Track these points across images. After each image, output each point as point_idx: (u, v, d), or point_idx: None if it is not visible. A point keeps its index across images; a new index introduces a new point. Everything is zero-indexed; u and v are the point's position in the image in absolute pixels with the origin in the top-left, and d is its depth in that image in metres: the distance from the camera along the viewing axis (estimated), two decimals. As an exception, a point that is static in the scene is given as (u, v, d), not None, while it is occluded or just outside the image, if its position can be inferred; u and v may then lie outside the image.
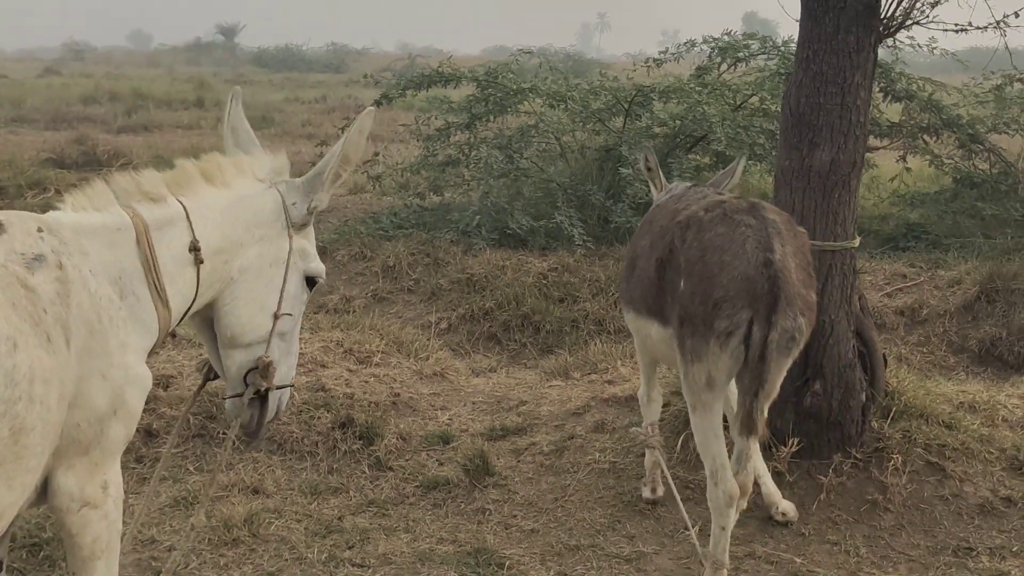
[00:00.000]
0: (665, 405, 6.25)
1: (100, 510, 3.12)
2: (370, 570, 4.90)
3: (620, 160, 10.09)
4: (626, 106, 10.97)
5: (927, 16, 5.43)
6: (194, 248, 3.35)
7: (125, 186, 3.32)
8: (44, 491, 3.08)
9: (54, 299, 2.91)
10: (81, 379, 3.01)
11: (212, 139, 17.93)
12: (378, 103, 11.41)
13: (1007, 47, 5.67)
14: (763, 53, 11.55)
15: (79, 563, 3.16)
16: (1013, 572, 4.91)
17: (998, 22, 5.53)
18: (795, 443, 5.48)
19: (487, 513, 5.51)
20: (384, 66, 12.86)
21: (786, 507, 5.32)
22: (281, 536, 5.16)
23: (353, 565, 4.93)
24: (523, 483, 5.82)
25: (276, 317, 3.60)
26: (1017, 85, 10.88)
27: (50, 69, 45.08)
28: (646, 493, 5.54)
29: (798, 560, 5.04)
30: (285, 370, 3.71)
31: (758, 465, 4.99)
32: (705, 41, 11.67)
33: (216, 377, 3.82)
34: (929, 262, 9.80)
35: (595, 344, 8.03)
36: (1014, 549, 5.13)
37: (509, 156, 10.66)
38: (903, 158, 11.09)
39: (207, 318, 3.61)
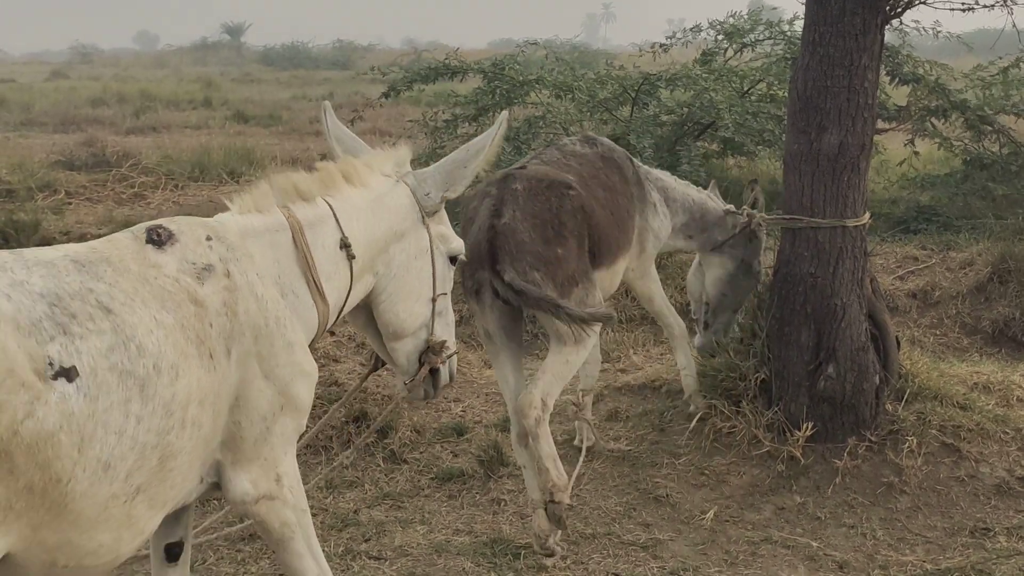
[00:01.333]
0: (677, 392, 6.28)
1: (278, 500, 3.24)
2: (387, 562, 4.91)
3: (628, 149, 10.03)
4: (633, 94, 10.94)
5: (933, -4, 5.40)
6: (344, 245, 3.49)
7: (283, 186, 3.44)
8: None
9: (220, 310, 3.00)
10: (242, 382, 3.10)
11: (221, 138, 17.95)
12: (386, 95, 11.40)
13: (1015, 26, 5.62)
14: (769, 38, 11.51)
15: (276, 544, 3.33)
16: (1031, 551, 4.90)
17: (1005, 0, 5.49)
18: (809, 427, 5.51)
19: (502, 503, 5.52)
20: (391, 61, 12.84)
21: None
22: (298, 530, 5.16)
23: (370, 557, 4.94)
24: (538, 473, 5.81)
25: (433, 301, 3.83)
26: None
27: (57, 72, 45.11)
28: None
29: (814, 544, 5.03)
30: (450, 342, 3.96)
31: (680, 358, 6.12)
32: (711, 25, 11.63)
33: (384, 364, 4.16)
34: (940, 244, 9.77)
35: (607, 333, 8.01)
36: (1031, 529, 5.13)
37: (517, 147, 10.63)
38: (911, 141, 11.05)
39: (368, 316, 3.82)
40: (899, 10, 5.41)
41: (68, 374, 2.51)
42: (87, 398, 2.54)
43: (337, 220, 3.49)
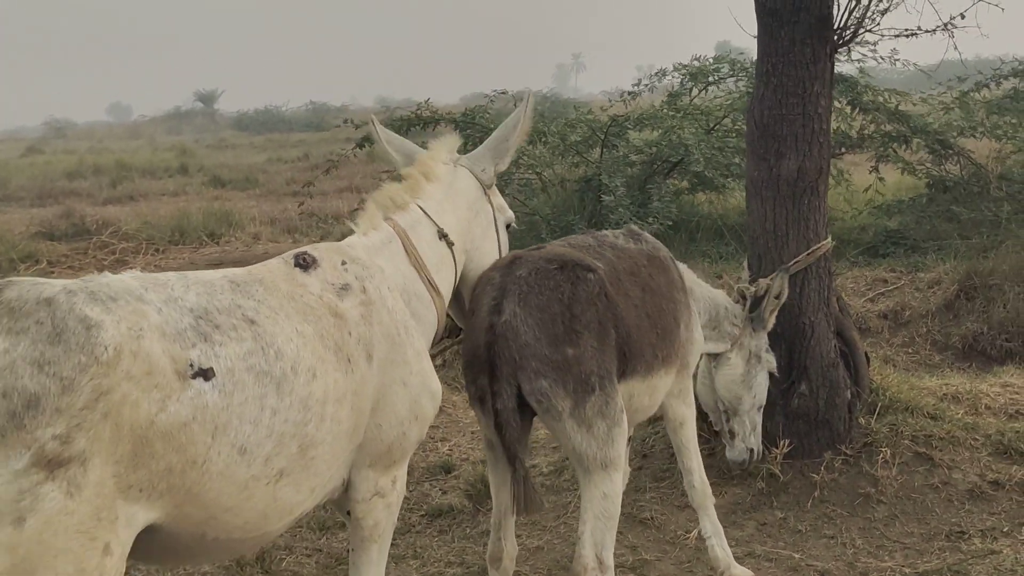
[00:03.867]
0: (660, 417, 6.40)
1: (385, 500, 3.68)
2: (382, 596, 5.00)
3: (601, 188, 10.27)
4: (602, 136, 11.18)
5: (878, 24, 5.63)
6: (442, 235, 4.10)
7: (383, 202, 4.07)
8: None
9: (359, 321, 3.50)
10: (384, 387, 3.56)
11: (199, 202, 18.10)
12: (360, 146, 11.60)
13: (956, 48, 5.85)
14: (732, 76, 11.81)
15: (358, 542, 3.71)
16: (1005, 551, 5.06)
17: (945, 24, 5.72)
18: (786, 444, 5.65)
19: (492, 535, 5.63)
20: (348, 118, 13.15)
21: (738, 573, 4.91)
22: (293, 571, 5.27)
23: (365, 593, 5.03)
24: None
25: None
26: (984, 92, 11.18)
27: (33, 148, 45.12)
28: None
29: (796, 556, 5.17)
30: None
31: (706, 526, 4.97)
32: (676, 68, 11.91)
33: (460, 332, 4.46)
34: (908, 266, 10.01)
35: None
36: (1005, 529, 5.28)
37: (490, 192, 10.85)
38: (875, 168, 11.32)
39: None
40: (847, 38, 5.63)
41: (206, 374, 2.95)
42: (222, 393, 2.98)
43: (429, 216, 4.08)
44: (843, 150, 10.51)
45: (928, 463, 5.69)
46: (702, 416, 5.84)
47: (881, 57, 10.25)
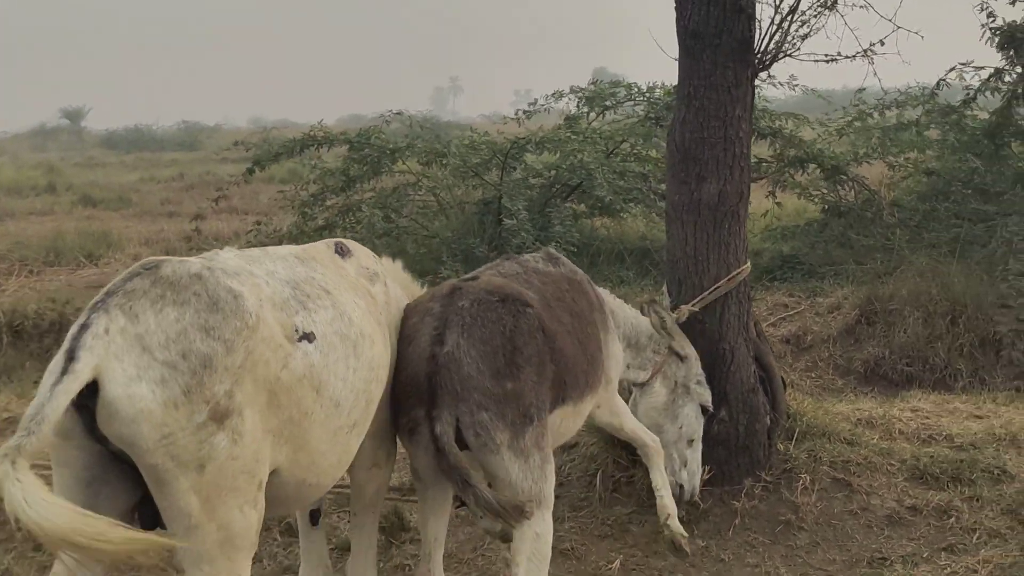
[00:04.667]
0: (574, 445, 6.30)
1: (382, 471, 4.31)
2: (295, 636, 4.77)
3: (501, 211, 10.17)
4: (502, 159, 11.08)
5: (798, 48, 5.63)
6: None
7: (392, 268, 4.62)
8: None
9: (383, 305, 4.12)
10: (389, 366, 4.06)
11: (71, 222, 17.44)
12: (251, 171, 11.30)
13: (876, 74, 5.90)
14: (629, 99, 11.84)
15: (361, 507, 4.35)
16: (927, 577, 5.05)
17: (865, 51, 5.76)
18: (706, 471, 5.57)
19: (407, 569, 5.43)
20: (241, 140, 12.86)
21: (675, 526, 5.03)
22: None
23: (277, 633, 4.80)
24: (440, 535, 5.74)
25: None
26: (875, 117, 11.43)
27: None
28: None
29: (721, 585, 5.09)
30: None
31: (656, 479, 5.16)
32: (573, 91, 11.90)
33: None
34: (807, 291, 10.11)
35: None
36: (925, 555, 5.28)
37: (387, 215, 10.67)
38: (772, 193, 11.45)
39: None
40: (767, 62, 5.61)
41: (309, 337, 3.48)
42: (321, 354, 3.51)
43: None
44: (760, 177, 10.62)
45: (847, 489, 5.69)
46: (621, 445, 5.77)
47: (780, 83, 10.41)
